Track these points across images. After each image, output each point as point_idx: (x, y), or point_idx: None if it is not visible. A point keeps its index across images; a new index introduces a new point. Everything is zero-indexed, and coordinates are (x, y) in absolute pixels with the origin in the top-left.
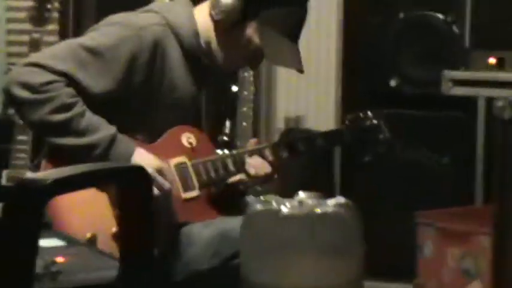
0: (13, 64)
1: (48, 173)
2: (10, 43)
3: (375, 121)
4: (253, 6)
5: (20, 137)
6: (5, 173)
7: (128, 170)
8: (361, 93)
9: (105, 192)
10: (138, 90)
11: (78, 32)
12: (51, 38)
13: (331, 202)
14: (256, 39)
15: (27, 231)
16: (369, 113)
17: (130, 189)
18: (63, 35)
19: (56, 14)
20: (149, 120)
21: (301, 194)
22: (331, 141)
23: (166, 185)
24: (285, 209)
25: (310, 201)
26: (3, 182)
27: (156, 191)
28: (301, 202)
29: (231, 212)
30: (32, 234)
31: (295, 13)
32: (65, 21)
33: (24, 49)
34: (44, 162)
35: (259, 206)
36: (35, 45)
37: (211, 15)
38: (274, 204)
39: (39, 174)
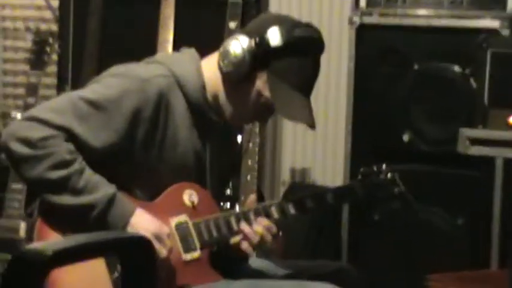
0: (8, 106)
1: (48, 244)
2: (6, 84)
3: (389, 175)
4: (263, 56)
5: (14, 186)
6: None
7: (131, 240)
8: (372, 146)
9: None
10: (140, 144)
11: (77, 74)
12: (50, 80)
13: None
14: (266, 92)
15: None
16: (384, 166)
17: (133, 256)
18: (61, 77)
19: (55, 56)
20: (150, 175)
21: None
22: (342, 198)
23: (163, 252)
24: None
25: None
26: None
27: None
28: None
29: (234, 274)
30: None
31: (308, 66)
32: (64, 63)
33: (20, 91)
34: (39, 222)
35: None
36: (32, 90)
37: (220, 67)
38: None
39: (39, 245)
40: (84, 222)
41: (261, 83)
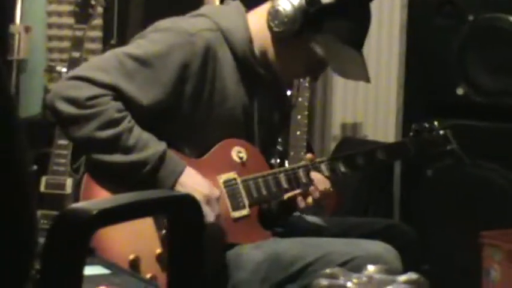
0: (53, 60)
1: (94, 203)
2: (50, 38)
3: (441, 132)
4: (316, 15)
5: (60, 142)
6: (43, 179)
7: (180, 200)
8: (425, 100)
9: None
10: (187, 99)
11: (123, 27)
12: (95, 34)
13: (402, 278)
14: (319, 51)
15: (71, 263)
16: (436, 123)
17: (181, 217)
18: (107, 30)
19: (100, 9)
20: (198, 132)
21: (370, 267)
22: (394, 155)
23: (211, 216)
24: (351, 286)
25: (378, 277)
26: (42, 188)
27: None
28: (370, 278)
29: (283, 231)
30: (77, 266)
31: (360, 20)
32: (109, 16)
33: (65, 44)
34: (86, 178)
35: (324, 282)
36: (77, 43)
37: (269, 26)
38: (341, 279)
39: (85, 204)
40: (133, 180)
41: (314, 41)
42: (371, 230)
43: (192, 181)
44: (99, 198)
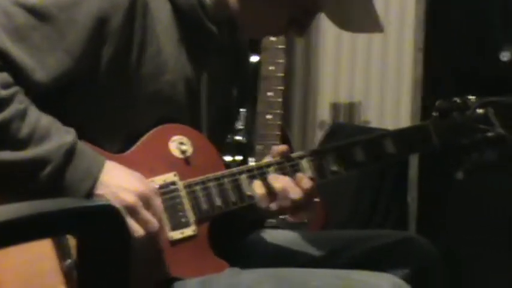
0: None
1: None
2: None
3: (480, 110)
4: None
5: None
6: None
7: (95, 211)
8: (453, 69)
9: None
10: (105, 69)
11: None
12: None
13: None
14: None
15: None
16: (470, 97)
17: (96, 238)
18: None
19: None
20: (121, 115)
21: None
22: (409, 146)
23: (153, 223)
24: None
25: None
26: None
27: (136, 230)
28: None
29: (245, 256)
30: None
31: None
32: None
33: None
34: None
35: None
36: None
37: None
38: None
39: None
40: (29, 184)
41: None
42: (375, 245)
43: (118, 178)
44: None
